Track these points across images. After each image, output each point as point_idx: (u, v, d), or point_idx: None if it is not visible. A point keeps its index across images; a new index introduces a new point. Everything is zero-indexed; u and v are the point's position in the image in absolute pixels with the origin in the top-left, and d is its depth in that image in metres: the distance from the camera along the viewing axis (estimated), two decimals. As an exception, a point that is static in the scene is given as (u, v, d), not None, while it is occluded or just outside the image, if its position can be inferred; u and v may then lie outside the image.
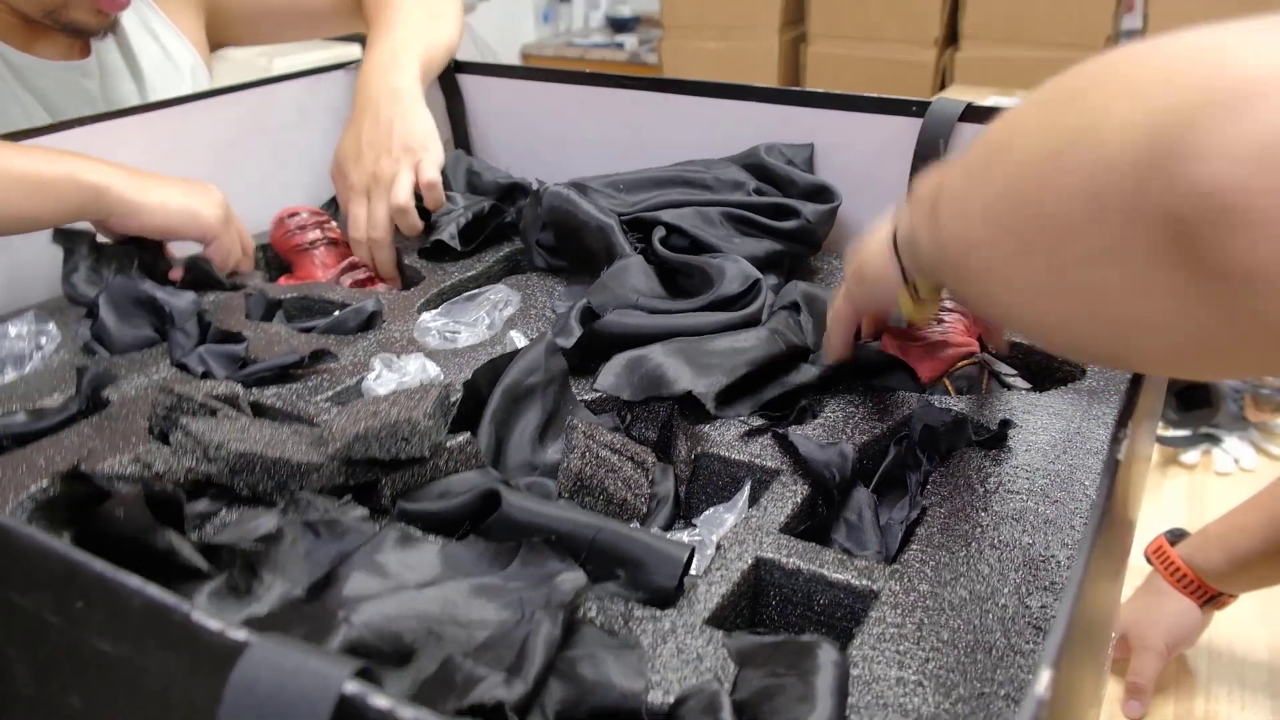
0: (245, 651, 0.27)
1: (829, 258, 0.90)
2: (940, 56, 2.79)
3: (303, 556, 0.50)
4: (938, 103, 0.84)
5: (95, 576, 0.30)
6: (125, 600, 0.29)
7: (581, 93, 1.02)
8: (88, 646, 0.31)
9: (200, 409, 0.59)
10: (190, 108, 0.95)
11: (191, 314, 0.74)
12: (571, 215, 0.81)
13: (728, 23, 3.00)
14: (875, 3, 2.80)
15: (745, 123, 0.93)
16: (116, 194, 0.78)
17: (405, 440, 0.53)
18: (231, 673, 0.27)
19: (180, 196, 0.82)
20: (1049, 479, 0.56)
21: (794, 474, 0.57)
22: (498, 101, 1.09)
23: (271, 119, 1.03)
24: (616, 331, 0.68)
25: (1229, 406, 1.26)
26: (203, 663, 0.28)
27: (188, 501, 0.54)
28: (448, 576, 0.48)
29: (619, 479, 0.58)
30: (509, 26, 3.61)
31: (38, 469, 0.58)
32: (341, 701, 0.26)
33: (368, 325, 0.76)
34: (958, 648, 0.44)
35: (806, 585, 0.49)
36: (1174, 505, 1.19)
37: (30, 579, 0.32)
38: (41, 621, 0.32)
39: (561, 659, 0.42)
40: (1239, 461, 1.24)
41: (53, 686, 0.34)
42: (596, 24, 3.92)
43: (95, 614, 0.31)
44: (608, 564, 0.48)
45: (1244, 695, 0.95)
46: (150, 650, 0.30)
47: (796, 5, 3.00)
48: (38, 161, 0.75)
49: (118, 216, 0.79)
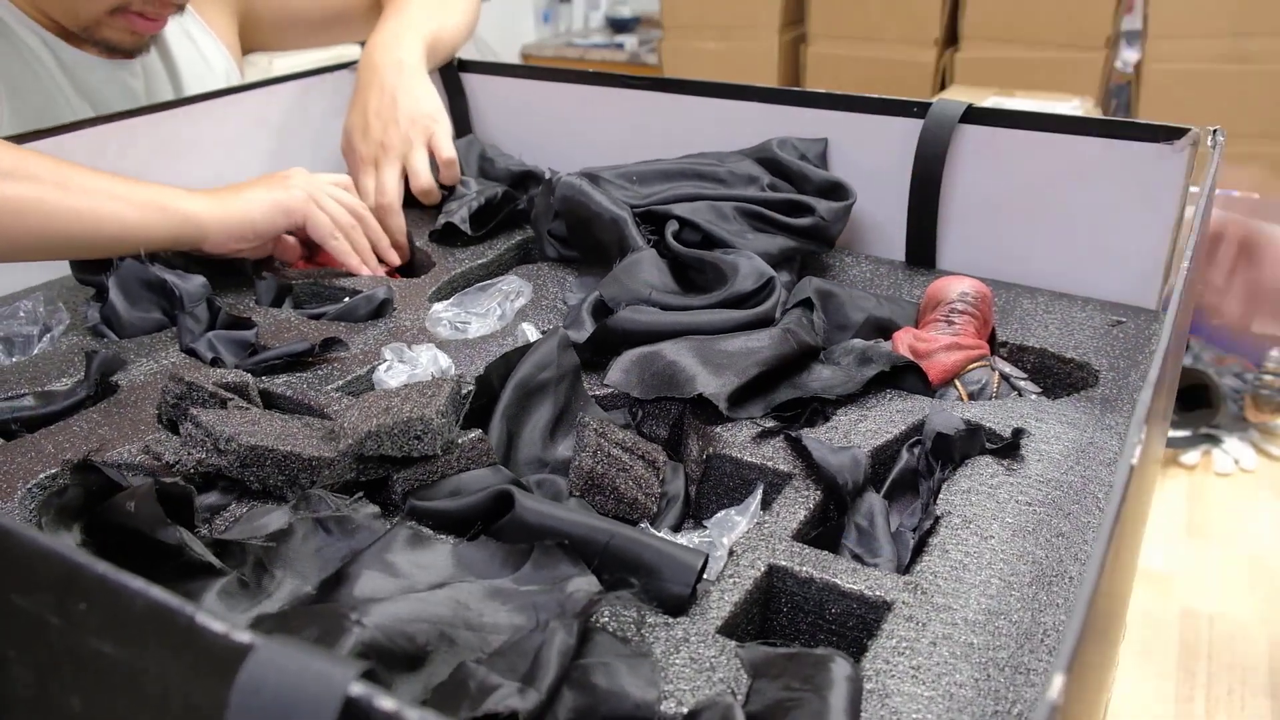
0: (250, 654, 0.27)
1: (841, 254, 0.90)
2: (940, 57, 2.77)
3: (313, 553, 0.50)
4: (939, 104, 0.84)
5: (97, 578, 0.30)
6: (127, 602, 0.29)
7: (584, 92, 1.02)
8: (89, 648, 0.31)
9: (210, 399, 0.59)
10: (195, 108, 0.95)
11: (201, 298, 0.74)
12: (584, 206, 0.81)
13: (728, 23, 2.98)
14: (875, 3, 2.78)
15: (745, 123, 0.93)
16: (204, 215, 0.78)
17: (417, 438, 0.53)
18: (237, 675, 0.27)
19: (262, 195, 0.81)
20: (1062, 490, 0.56)
21: (807, 478, 0.57)
22: (501, 100, 1.10)
23: (275, 118, 1.03)
24: (629, 328, 0.67)
25: (1229, 407, 1.26)
26: (206, 665, 0.28)
27: (198, 494, 0.54)
28: (459, 578, 0.48)
29: (630, 478, 0.58)
30: (509, 26, 3.59)
31: (47, 456, 0.58)
32: (347, 704, 0.26)
33: (378, 313, 0.76)
34: (971, 664, 0.44)
35: (819, 595, 0.49)
36: (1174, 506, 1.19)
37: (31, 580, 0.32)
38: (43, 623, 0.32)
39: (574, 667, 0.42)
40: (1239, 462, 1.24)
41: (53, 688, 0.33)
42: (596, 24, 3.90)
43: (97, 616, 0.30)
44: (621, 570, 0.47)
45: (1244, 695, 0.95)
46: (153, 653, 0.29)
47: (796, 5, 2.98)
48: (132, 186, 0.76)
49: (212, 238, 0.78)
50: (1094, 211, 0.79)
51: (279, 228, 0.82)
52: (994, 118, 0.82)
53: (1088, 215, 0.79)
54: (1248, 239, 0.84)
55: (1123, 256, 0.79)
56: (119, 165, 0.83)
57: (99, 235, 0.74)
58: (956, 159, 0.84)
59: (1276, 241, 0.74)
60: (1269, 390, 1.25)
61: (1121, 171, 0.77)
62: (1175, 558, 1.11)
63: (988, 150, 0.83)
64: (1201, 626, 1.02)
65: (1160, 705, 0.95)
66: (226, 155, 0.98)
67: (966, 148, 0.84)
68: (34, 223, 0.71)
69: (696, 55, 3.04)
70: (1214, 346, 1.34)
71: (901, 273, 0.86)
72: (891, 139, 0.86)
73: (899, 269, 0.87)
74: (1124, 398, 0.66)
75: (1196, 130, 0.74)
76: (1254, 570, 1.09)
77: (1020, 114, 0.82)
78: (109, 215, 0.73)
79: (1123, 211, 0.78)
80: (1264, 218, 1.36)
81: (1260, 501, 1.19)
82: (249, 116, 1.00)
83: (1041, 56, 2.59)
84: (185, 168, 0.91)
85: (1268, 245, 0.79)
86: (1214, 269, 0.77)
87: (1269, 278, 0.72)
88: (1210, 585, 1.08)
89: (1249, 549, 1.12)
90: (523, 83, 1.07)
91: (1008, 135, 0.81)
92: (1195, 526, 1.16)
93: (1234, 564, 1.10)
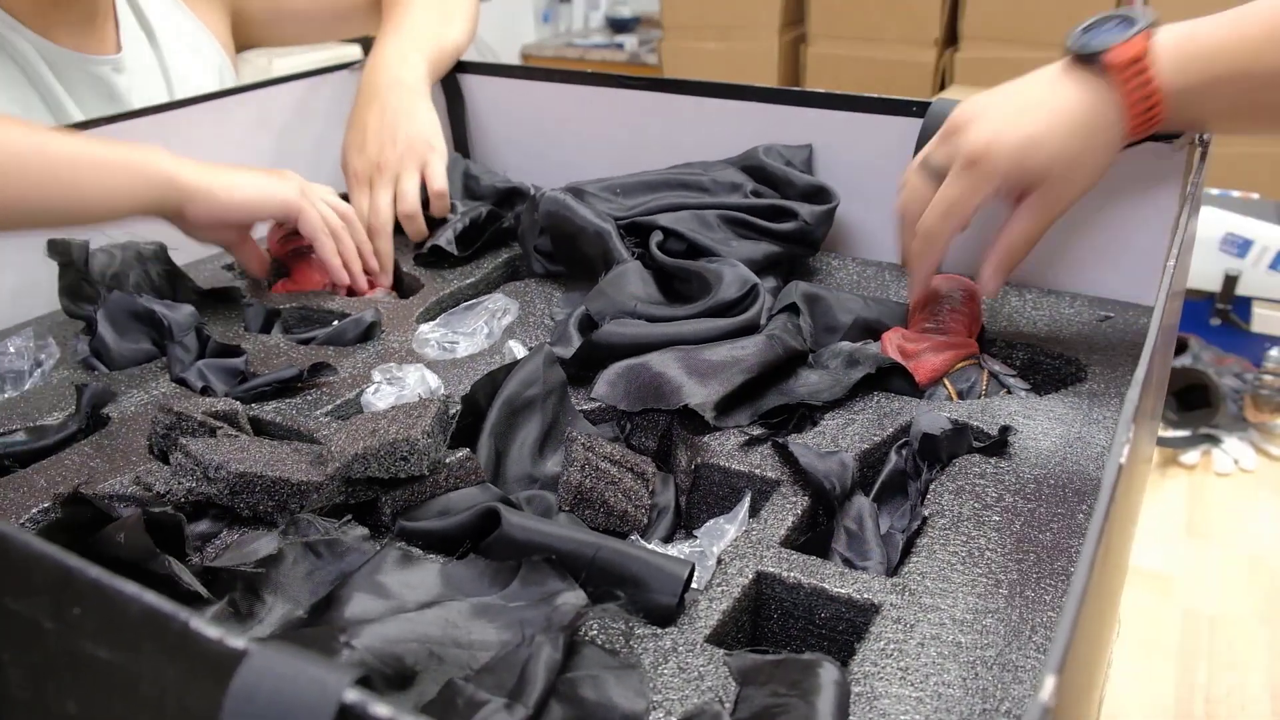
0: (245, 659, 0.27)
1: (827, 257, 0.90)
2: (940, 57, 2.78)
3: (304, 577, 0.50)
4: (938, 103, 0.84)
5: (91, 583, 0.30)
6: (122, 607, 0.29)
7: (582, 93, 1.02)
8: (84, 653, 0.31)
9: (199, 428, 0.59)
10: (194, 109, 0.95)
11: (190, 327, 0.74)
12: (568, 220, 0.81)
13: (728, 23, 2.99)
14: (875, 3, 2.78)
15: (745, 123, 0.93)
16: (188, 180, 0.76)
17: (404, 459, 0.53)
18: (231, 681, 0.27)
19: (252, 177, 0.81)
20: (1050, 487, 0.56)
21: (794, 484, 0.57)
22: (499, 101, 1.09)
23: (274, 119, 1.03)
24: (615, 342, 0.68)
25: (1229, 407, 1.26)
26: (201, 670, 0.28)
27: (189, 522, 0.54)
28: (448, 596, 0.48)
29: (619, 490, 0.58)
30: (509, 27, 3.60)
31: (39, 490, 0.58)
32: (342, 710, 0.26)
33: (367, 336, 0.76)
34: (959, 663, 0.44)
35: (808, 600, 0.49)
36: (1174, 506, 1.19)
37: (26, 584, 0.32)
38: (37, 627, 0.32)
39: (563, 680, 0.43)
40: (1239, 462, 1.24)
41: (49, 692, 0.34)
42: (596, 24, 3.91)
43: (92, 620, 0.31)
44: (608, 583, 0.48)
45: (1244, 695, 0.95)
46: (147, 657, 0.30)
47: (796, 5, 2.99)
48: (112, 146, 0.73)
49: (194, 204, 0.76)
50: (1093, 210, 0.79)
51: (265, 214, 0.81)
52: None
53: (1087, 214, 0.79)
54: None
55: (1123, 254, 0.79)
56: None
57: (81, 202, 0.71)
58: None
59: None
60: (1269, 390, 1.25)
61: (1120, 170, 0.77)
62: (1175, 558, 1.11)
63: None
64: (1201, 626, 1.02)
65: (1160, 705, 0.95)
66: (226, 156, 0.97)
67: None
68: (11, 190, 0.69)
69: (696, 55, 3.05)
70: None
71: (889, 274, 0.86)
72: (891, 139, 0.86)
73: (886, 270, 0.87)
74: (1112, 392, 0.66)
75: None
76: (1254, 570, 1.09)
77: None
78: (90, 181, 0.71)
79: (1122, 210, 0.78)
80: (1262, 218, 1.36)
81: (1260, 501, 1.19)
82: (249, 117, 1.00)
83: (1041, 57, 2.57)
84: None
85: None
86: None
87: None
88: (1210, 585, 1.07)
89: (1249, 549, 1.12)
90: (520, 83, 1.06)
91: None
92: (1195, 526, 1.16)
93: (1234, 564, 1.09)
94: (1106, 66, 0.62)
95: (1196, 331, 1.39)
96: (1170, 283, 0.49)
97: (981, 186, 0.65)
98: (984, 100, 0.67)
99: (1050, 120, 0.63)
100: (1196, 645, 1.00)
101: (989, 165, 0.64)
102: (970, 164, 0.64)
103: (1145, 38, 0.61)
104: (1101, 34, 0.63)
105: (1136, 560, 1.09)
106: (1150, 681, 0.96)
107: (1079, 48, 0.64)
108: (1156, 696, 0.95)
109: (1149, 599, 1.05)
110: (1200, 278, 1.39)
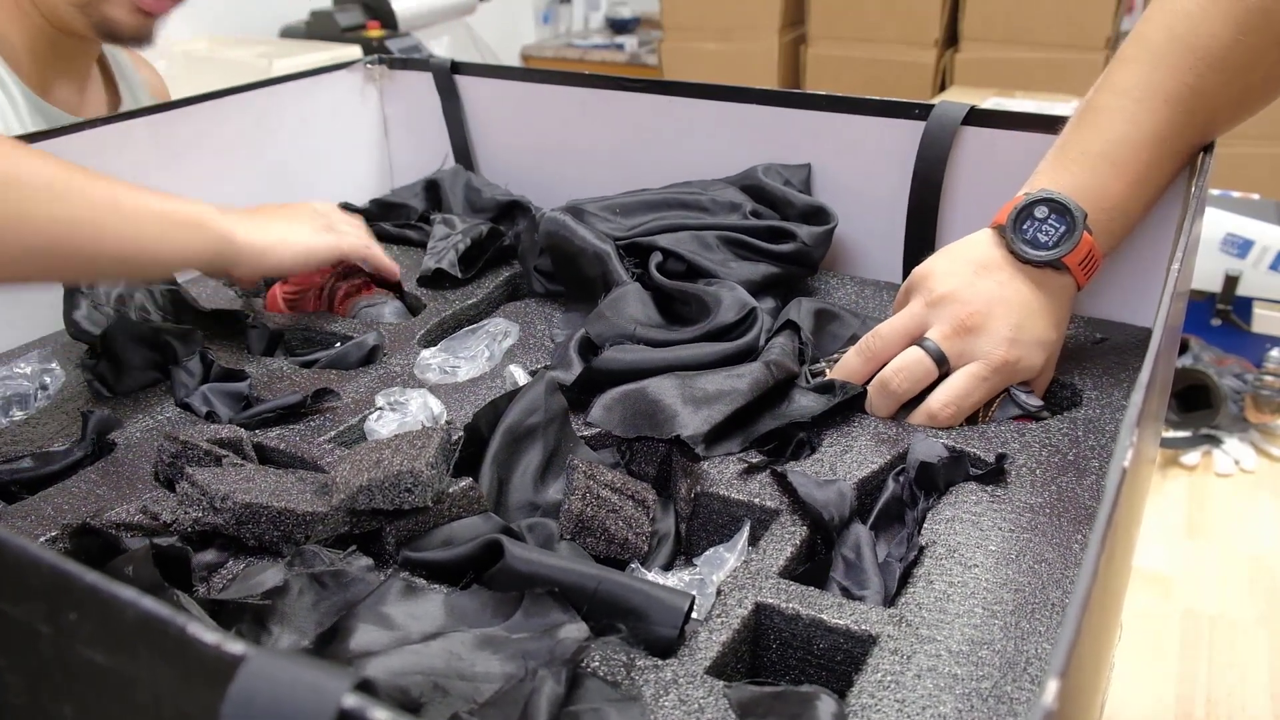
0: (242, 664, 0.27)
1: (825, 276, 0.90)
2: (940, 58, 2.78)
3: (309, 608, 0.51)
4: (940, 105, 0.84)
5: (88, 588, 0.30)
6: (119, 612, 0.29)
7: (580, 94, 1.02)
8: (80, 658, 0.31)
9: (205, 456, 0.60)
10: (194, 109, 0.95)
11: (193, 350, 0.74)
12: (568, 241, 0.82)
13: (727, 24, 2.99)
14: (875, 4, 2.79)
15: (745, 125, 0.93)
16: (242, 240, 0.74)
17: (408, 490, 0.54)
18: (229, 686, 0.27)
19: (294, 228, 0.79)
20: (1046, 515, 0.57)
21: (793, 514, 0.58)
22: (496, 103, 1.08)
23: (273, 120, 1.03)
24: (615, 368, 0.68)
25: (1229, 408, 1.26)
26: (198, 676, 0.28)
27: (195, 551, 0.55)
28: (452, 627, 0.49)
29: (620, 518, 0.58)
30: (509, 27, 3.60)
31: (46, 518, 0.59)
32: (341, 716, 0.26)
33: (369, 359, 0.77)
34: (955, 695, 0.45)
35: (806, 630, 0.50)
36: (1174, 507, 1.20)
37: (22, 589, 0.32)
38: (33, 632, 0.32)
39: (565, 714, 0.43)
40: (1239, 463, 1.24)
41: (45, 696, 0.34)
42: (596, 25, 3.91)
43: (88, 625, 0.31)
44: (610, 615, 0.48)
45: (1244, 695, 0.95)
46: (144, 662, 0.30)
47: (796, 6, 3.00)
48: (167, 200, 0.71)
49: (243, 265, 0.75)
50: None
51: (312, 269, 0.82)
52: (997, 119, 0.82)
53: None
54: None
55: (1126, 256, 0.79)
56: (117, 166, 0.82)
57: (143, 255, 0.69)
58: (958, 161, 0.84)
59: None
60: (1269, 390, 1.25)
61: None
62: (1175, 558, 1.11)
63: (990, 152, 0.83)
64: (1201, 627, 1.03)
65: (1160, 706, 0.95)
66: (226, 156, 0.98)
67: (968, 150, 0.84)
68: (87, 244, 0.66)
69: (696, 56, 3.06)
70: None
71: (887, 293, 0.87)
72: (892, 141, 0.87)
73: (884, 289, 0.88)
74: (1107, 418, 0.67)
75: None
76: (1254, 570, 1.09)
77: (1024, 116, 0.82)
78: (153, 235, 0.69)
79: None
80: (1262, 218, 1.36)
81: (1260, 502, 1.19)
82: (249, 117, 1.00)
83: (1041, 57, 2.60)
84: (184, 168, 0.91)
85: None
86: None
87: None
88: (1210, 585, 1.08)
89: (1249, 549, 1.12)
90: (517, 85, 1.06)
91: (1010, 137, 0.81)
92: (1195, 527, 1.16)
93: (1234, 564, 1.10)
94: (1069, 267, 0.68)
95: (1197, 332, 1.39)
96: (1175, 285, 0.50)
97: (1000, 388, 0.68)
98: (967, 291, 0.69)
99: (1046, 320, 0.69)
100: (1196, 646, 1.00)
101: (1013, 372, 0.68)
102: (996, 369, 0.67)
103: (1086, 231, 0.68)
104: (1046, 234, 0.68)
105: (1137, 561, 1.09)
106: (1150, 681, 0.96)
107: (1042, 259, 0.68)
108: (1156, 697, 0.96)
109: (1149, 599, 1.06)
110: (1201, 278, 1.39)
